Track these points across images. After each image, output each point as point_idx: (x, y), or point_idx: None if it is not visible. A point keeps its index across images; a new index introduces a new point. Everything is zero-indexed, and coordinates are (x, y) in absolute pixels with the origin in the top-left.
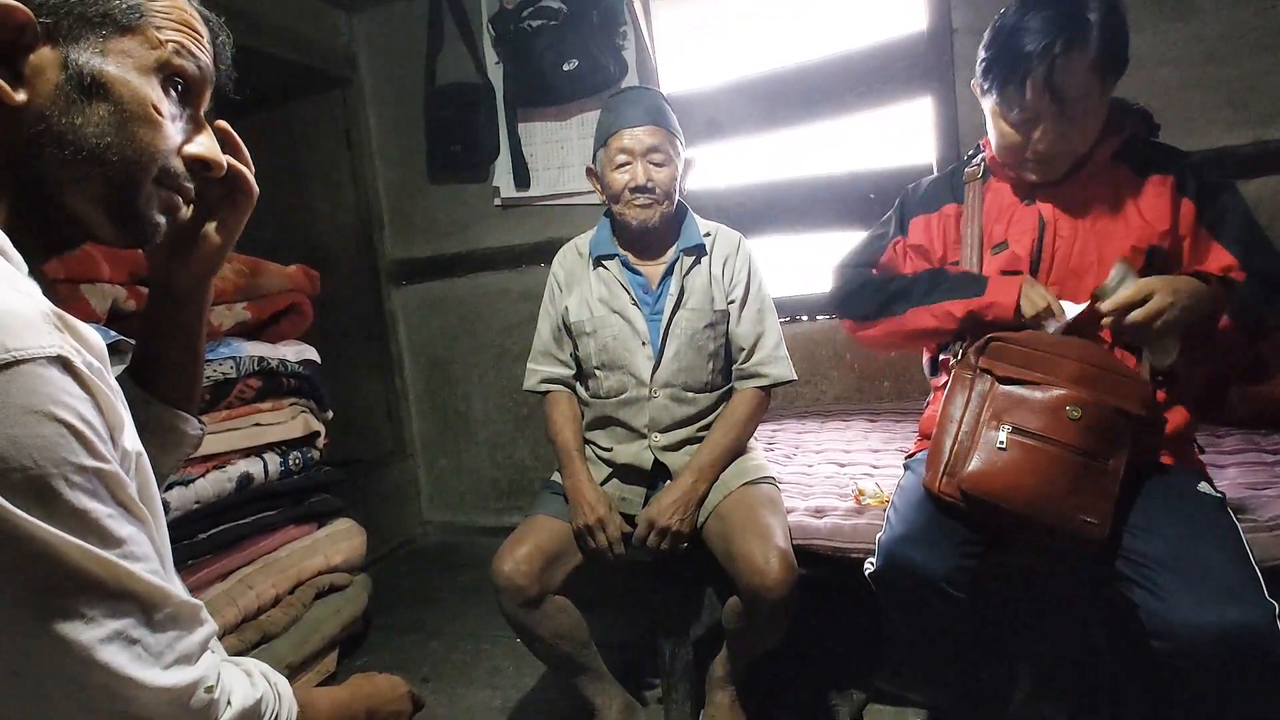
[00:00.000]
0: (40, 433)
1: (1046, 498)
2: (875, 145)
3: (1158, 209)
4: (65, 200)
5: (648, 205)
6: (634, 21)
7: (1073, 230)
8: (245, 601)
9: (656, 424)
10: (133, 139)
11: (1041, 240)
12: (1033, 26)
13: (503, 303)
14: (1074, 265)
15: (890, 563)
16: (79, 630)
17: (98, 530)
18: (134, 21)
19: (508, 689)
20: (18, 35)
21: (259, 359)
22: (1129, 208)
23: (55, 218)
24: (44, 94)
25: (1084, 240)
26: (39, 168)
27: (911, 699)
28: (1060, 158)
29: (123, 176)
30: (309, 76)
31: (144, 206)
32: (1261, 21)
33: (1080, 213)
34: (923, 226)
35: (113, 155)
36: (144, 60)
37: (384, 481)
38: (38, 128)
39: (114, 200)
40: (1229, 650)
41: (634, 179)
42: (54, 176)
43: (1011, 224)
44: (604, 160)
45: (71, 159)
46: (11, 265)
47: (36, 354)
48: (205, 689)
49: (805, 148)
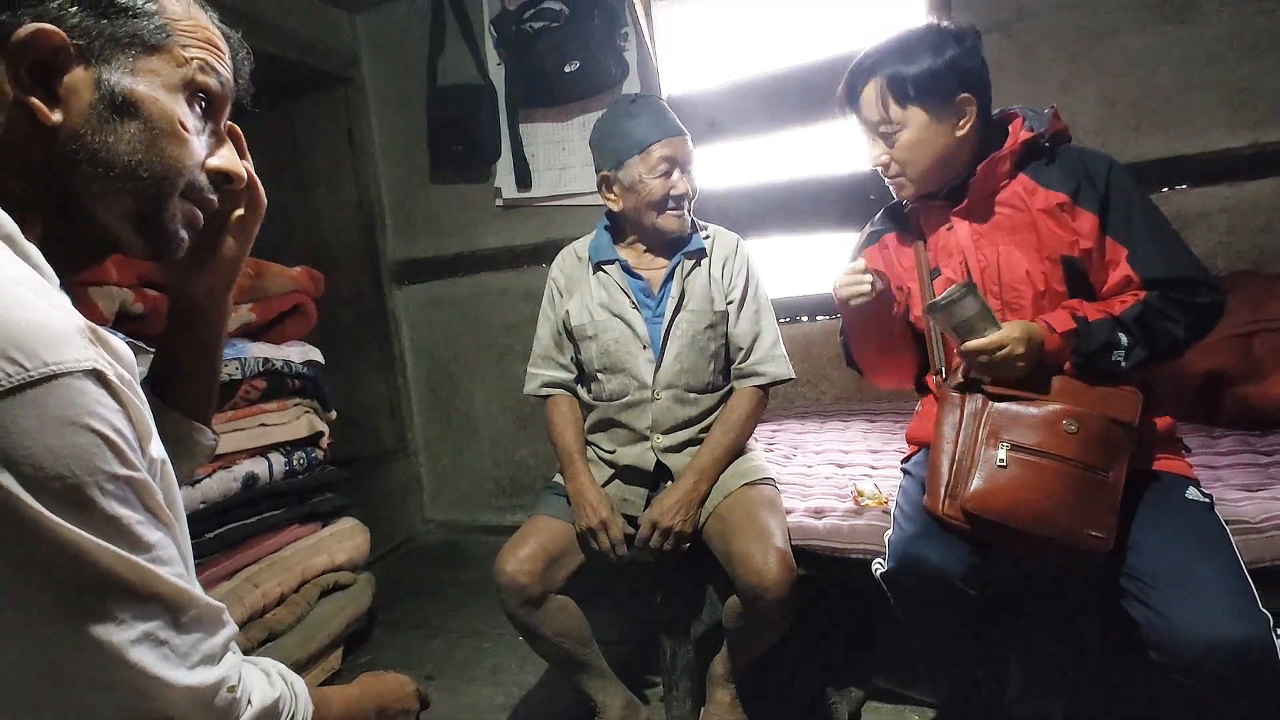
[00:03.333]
0: (76, 442)
1: (1051, 513)
2: None
3: (1060, 221)
4: (96, 215)
5: (681, 215)
6: (635, 22)
7: (993, 249)
8: (251, 600)
9: (659, 425)
10: (162, 155)
11: (968, 262)
12: (853, 65)
13: (504, 302)
14: (1006, 280)
15: (904, 562)
16: (111, 632)
17: (129, 536)
18: (161, 41)
19: (510, 686)
20: (53, 57)
21: (264, 360)
22: (1036, 219)
23: (85, 232)
24: (78, 113)
25: (1005, 256)
26: (72, 184)
27: (910, 696)
28: (899, 178)
29: (153, 191)
30: (312, 77)
31: (170, 221)
32: (1260, 24)
33: (994, 231)
34: (875, 254)
35: (143, 172)
36: (171, 79)
37: (387, 480)
38: (72, 146)
39: (143, 215)
40: (1228, 665)
41: (676, 187)
42: (86, 192)
43: (939, 251)
44: (639, 169)
45: (104, 175)
46: (45, 280)
47: (73, 367)
48: (228, 688)
49: (806, 149)
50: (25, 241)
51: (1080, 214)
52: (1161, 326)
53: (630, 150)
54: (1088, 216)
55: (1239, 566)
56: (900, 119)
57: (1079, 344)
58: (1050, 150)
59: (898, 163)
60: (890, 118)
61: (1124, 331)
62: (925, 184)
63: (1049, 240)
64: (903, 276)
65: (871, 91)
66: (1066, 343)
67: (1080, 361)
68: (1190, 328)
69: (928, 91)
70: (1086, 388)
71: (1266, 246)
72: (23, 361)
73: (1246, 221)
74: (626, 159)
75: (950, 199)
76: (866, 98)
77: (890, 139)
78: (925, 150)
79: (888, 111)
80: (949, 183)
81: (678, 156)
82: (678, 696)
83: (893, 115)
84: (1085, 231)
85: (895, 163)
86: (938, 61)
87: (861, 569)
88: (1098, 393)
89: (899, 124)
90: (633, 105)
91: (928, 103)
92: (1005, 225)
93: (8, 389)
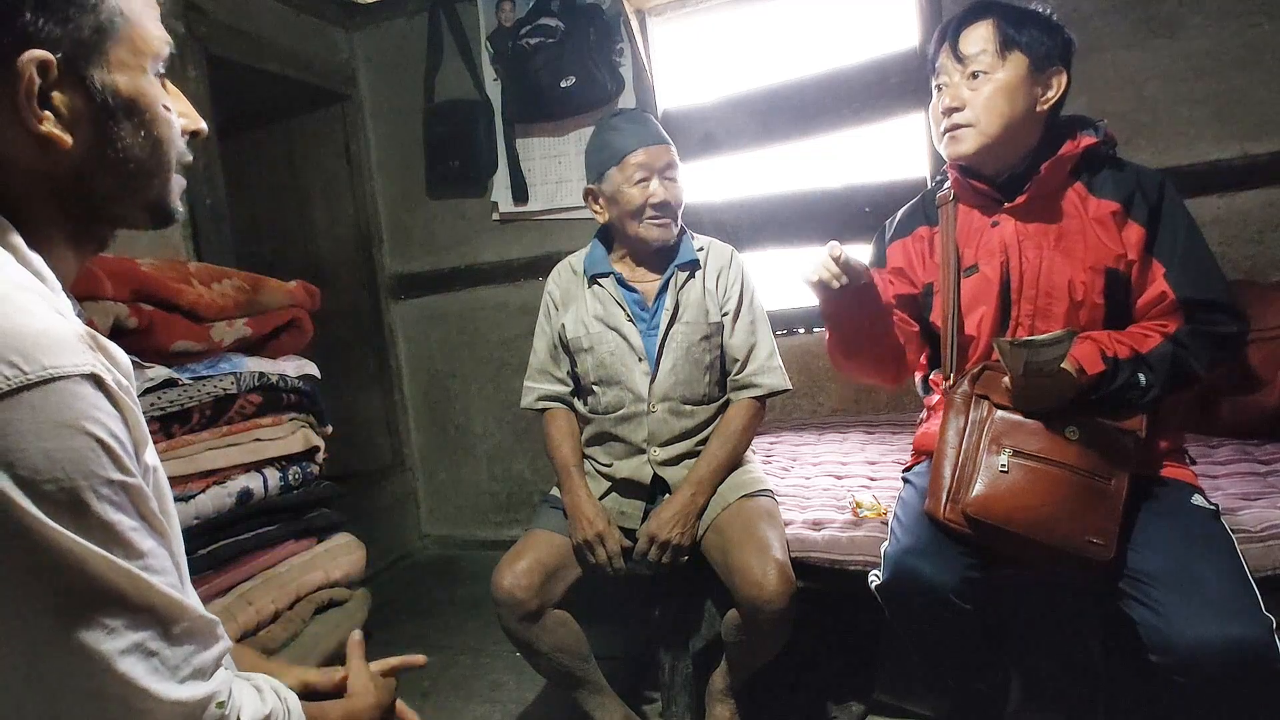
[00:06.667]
0: (72, 446)
1: (1051, 519)
2: (870, 160)
3: (1109, 232)
4: (112, 210)
5: (664, 224)
6: (631, 38)
7: (1037, 252)
8: (245, 617)
9: (655, 438)
10: (160, 142)
11: (1008, 263)
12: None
13: (501, 316)
14: (1044, 286)
15: (897, 575)
16: (100, 640)
17: (123, 542)
18: (120, 25)
19: (507, 703)
20: (45, 77)
21: (259, 374)
22: (1086, 228)
23: (98, 227)
24: (83, 126)
25: (1049, 262)
26: (88, 192)
27: (910, 710)
28: (965, 129)
29: (160, 177)
30: (309, 93)
31: (174, 198)
32: (1245, 37)
33: (1041, 234)
34: (900, 250)
35: (150, 164)
36: (142, 62)
37: (383, 495)
38: (89, 162)
39: (155, 200)
40: (1228, 665)
41: (654, 195)
42: (103, 194)
43: (980, 247)
44: (618, 179)
45: (120, 178)
46: (48, 287)
47: (71, 372)
48: (217, 704)
49: (801, 162)
50: (29, 251)
51: (1129, 225)
52: (1184, 365)
53: (609, 161)
54: (1136, 229)
55: (1241, 569)
56: (997, 61)
57: (1101, 383)
58: (1108, 160)
59: (974, 109)
60: (990, 54)
61: (1146, 372)
62: (985, 149)
63: (1096, 250)
64: (932, 272)
65: (982, 30)
66: (1091, 383)
67: (1095, 398)
68: (1210, 364)
69: (1035, 45)
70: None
71: (1259, 256)
72: (21, 365)
73: (1239, 232)
74: (606, 170)
75: (1003, 192)
76: (973, 33)
77: (978, 80)
78: (1006, 106)
79: (990, 49)
80: (1004, 165)
81: (654, 164)
82: (676, 712)
83: (993, 56)
84: (1132, 243)
85: (971, 108)
86: (1050, 35)
87: (860, 581)
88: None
89: (993, 66)
90: (615, 119)
91: (1032, 55)
92: (1054, 231)
93: (5, 392)
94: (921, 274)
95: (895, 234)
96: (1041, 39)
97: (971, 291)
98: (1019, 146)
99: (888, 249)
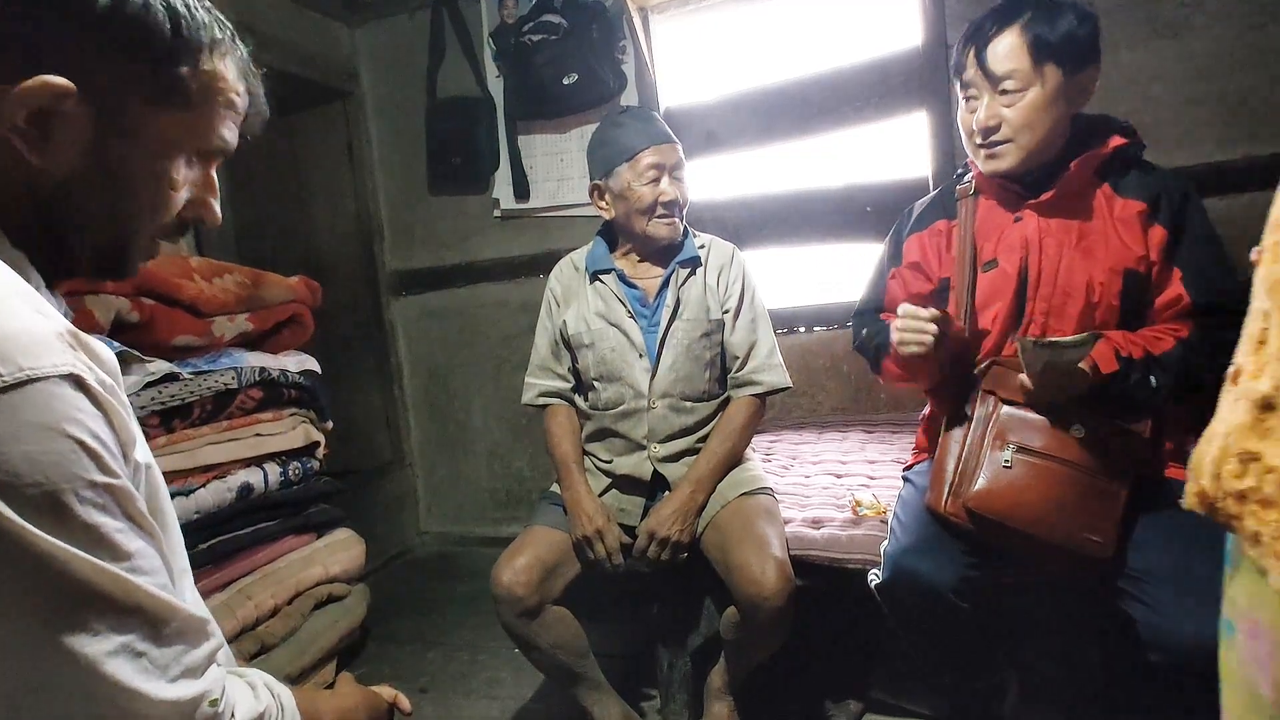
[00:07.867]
0: (53, 449)
1: (1052, 514)
2: (872, 158)
3: (1133, 232)
4: (69, 240)
5: (672, 223)
6: (633, 36)
7: (1058, 250)
8: (244, 613)
9: (655, 434)
10: (141, 210)
11: (1028, 259)
12: (985, 14)
13: (502, 313)
14: (1062, 284)
15: (897, 574)
16: (86, 643)
17: (108, 545)
18: (184, 103)
19: (506, 699)
20: (54, 103)
21: (260, 369)
22: (1109, 229)
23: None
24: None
25: (1069, 260)
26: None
27: (908, 709)
28: (1004, 145)
29: (125, 234)
30: (311, 90)
31: (132, 257)
32: (1249, 39)
33: (1064, 231)
34: (917, 245)
35: (120, 222)
36: (178, 141)
37: (382, 491)
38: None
39: (109, 252)
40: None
41: (665, 193)
42: (68, 223)
43: (1000, 242)
44: (628, 176)
45: (83, 213)
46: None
47: (50, 372)
48: (209, 702)
49: (803, 161)
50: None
51: (1154, 227)
52: (1194, 369)
53: (619, 158)
54: (1160, 230)
55: None
56: (1032, 77)
57: (1113, 384)
58: (1136, 161)
59: (1011, 126)
60: (1023, 72)
61: (1158, 373)
62: (1028, 159)
63: (1118, 252)
64: (948, 267)
65: (1011, 40)
66: (1104, 381)
67: (1105, 396)
68: (1220, 369)
69: (1068, 54)
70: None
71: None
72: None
73: (1241, 233)
74: (615, 166)
75: (1028, 187)
76: (1001, 46)
77: (1011, 97)
78: (1046, 118)
79: (1023, 66)
80: (1036, 165)
81: (666, 163)
82: (675, 709)
83: (1027, 71)
84: (1154, 244)
85: (1009, 125)
86: (1084, 25)
87: (860, 579)
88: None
89: (1027, 83)
90: (621, 115)
91: (1066, 64)
92: (1076, 229)
93: None
94: (938, 269)
95: (913, 228)
96: (1075, 36)
97: (988, 287)
98: (1054, 148)
99: (905, 243)
